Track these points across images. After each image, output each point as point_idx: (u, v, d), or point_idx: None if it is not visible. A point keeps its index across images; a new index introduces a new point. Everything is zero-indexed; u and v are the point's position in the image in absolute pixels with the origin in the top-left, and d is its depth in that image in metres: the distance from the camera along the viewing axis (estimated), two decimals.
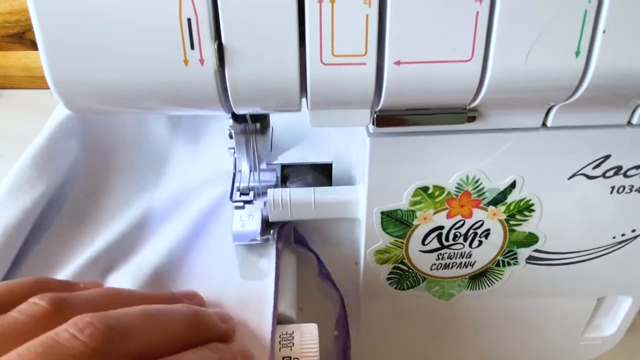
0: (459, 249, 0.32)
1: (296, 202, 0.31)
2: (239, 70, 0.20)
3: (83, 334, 0.18)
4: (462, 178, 0.28)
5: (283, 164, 0.36)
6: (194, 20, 0.19)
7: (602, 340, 0.41)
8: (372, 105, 0.23)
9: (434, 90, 0.22)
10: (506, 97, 0.22)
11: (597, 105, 0.25)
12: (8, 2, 0.68)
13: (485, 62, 0.21)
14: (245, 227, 0.31)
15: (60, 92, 0.21)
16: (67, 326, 0.18)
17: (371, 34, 0.20)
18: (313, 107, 0.23)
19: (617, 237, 0.32)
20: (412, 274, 0.33)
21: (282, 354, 0.26)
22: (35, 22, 0.20)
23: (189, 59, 0.20)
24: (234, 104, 0.22)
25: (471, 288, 0.35)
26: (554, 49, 0.21)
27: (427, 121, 0.24)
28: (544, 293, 0.35)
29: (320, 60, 0.20)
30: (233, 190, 0.34)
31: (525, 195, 0.29)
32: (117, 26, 0.20)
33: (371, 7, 0.19)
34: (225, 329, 0.26)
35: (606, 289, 0.36)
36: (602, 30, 0.20)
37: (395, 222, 0.30)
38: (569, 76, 0.21)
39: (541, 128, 0.26)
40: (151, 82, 0.21)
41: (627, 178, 0.29)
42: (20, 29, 0.70)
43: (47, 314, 0.19)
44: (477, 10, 0.20)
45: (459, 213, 0.30)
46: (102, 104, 0.23)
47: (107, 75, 0.21)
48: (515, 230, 0.31)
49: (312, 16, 0.19)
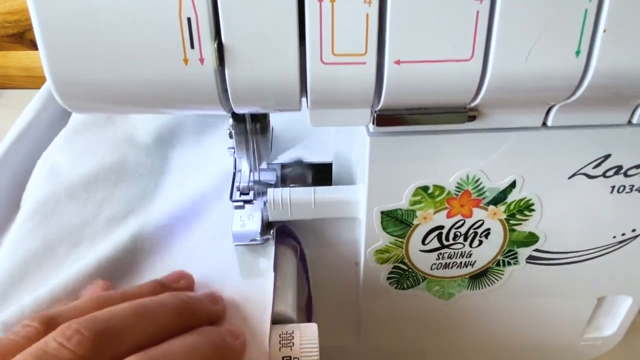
0: (459, 248, 0.32)
1: (296, 202, 0.31)
2: (239, 70, 0.20)
3: (71, 342, 0.19)
4: (462, 177, 0.28)
5: (283, 164, 0.36)
6: (194, 19, 0.19)
7: (602, 340, 0.41)
8: (372, 105, 0.23)
9: (434, 89, 0.22)
10: (506, 96, 0.22)
11: (598, 105, 0.25)
12: (8, 2, 0.68)
13: (486, 62, 0.21)
14: (245, 227, 0.31)
15: (60, 92, 0.21)
16: (54, 335, 0.19)
17: (371, 33, 0.20)
18: (313, 106, 0.23)
19: (617, 237, 0.32)
20: (412, 274, 0.33)
21: (282, 354, 0.26)
22: (35, 21, 0.20)
23: (188, 58, 0.20)
24: (234, 104, 0.22)
25: (471, 288, 0.35)
26: (554, 48, 0.21)
27: (427, 120, 0.24)
28: (544, 293, 0.35)
29: (320, 59, 0.20)
30: (233, 190, 0.34)
31: (526, 194, 0.29)
32: (117, 26, 0.20)
33: (371, 6, 0.19)
34: (215, 310, 0.27)
35: (606, 289, 0.36)
36: (603, 30, 0.20)
37: (395, 222, 0.30)
38: (569, 76, 0.21)
39: (541, 127, 0.26)
40: (151, 81, 0.21)
41: (628, 177, 0.29)
42: (20, 28, 0.70)
43: (39, 334, 0.20)
44: (477, 9, 0.20)
45: (459, 213, 0.30)
46: (102, 104, 0.23)
47: (107, 74, 0.21)
48: (516, 229, 0.31)
49: (312, 15, 0.19)
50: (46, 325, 0.21)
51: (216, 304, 0.27)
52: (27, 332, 0.20)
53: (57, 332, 0.19)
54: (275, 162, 0.36)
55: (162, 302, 0.24)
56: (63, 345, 0.19)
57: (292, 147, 0.37)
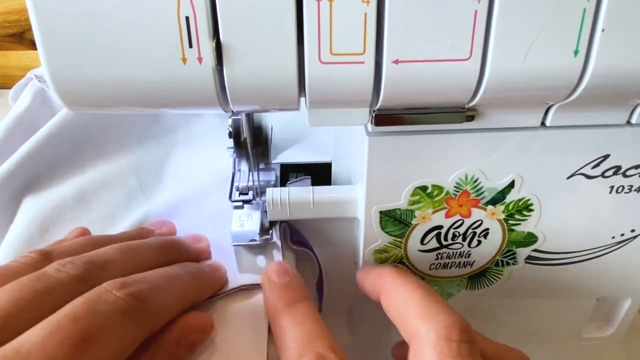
0: (458, 248, 0.32)
1: (295, 202, 0.31)
2: (237, 69, 0.20)
3: (65, 267, 0.23)
4: (461, 177, 0.28)
5: (282, 164, 0.36)
6: (192, 18, 0.19)
7: (601, 340, 0.41)
8: (370, 104, 0.23)
9: (432, 89, 0.22)
10: (505, 96, 0.22)
11: (596, 105, 0.25)
12: (8, 2, 0.68)
13: (484, 61, 0.21)
14: (244, 228, 0.31)
15: (60, 91, 0.21)
16: (52, 264, 0.23)
17: (369, 32, 0.20)
18: (311, 106, 0.23)
19: (616, 237, 0.32)
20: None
21: None
22: (34, 21, 0.20)
23: (187, 57, 0.20)
24: (233, 103, 0.22)
25: (470, 288, 0.35)
26: (553, 47, 0.21)
27: (426, 120, 0.24)
28: (543, 293, 0.35)
29: (318, 58, 0.20)
30: (232, 190, 0.34)
31: (524, 194, 0.29)
32: (116, 25, 0.20)
33: (369, 5, 0.19)
34: (198, 248, 0.29)
35: (606, 289, 0.36)
36: (601, 29, 0.20)
37: (394, 222, 0.30)
38: (568, 75, 0.21)
39: (540, 127, 0.26)
40: (150, 80, 0.21)
41: (626, 178, 0.29)
42: (20, 28, 0.70)
43: (37, 262, 0.24)
44: (475, 9, 0.20)
45: (458, 212, 0.30)
46: (102, 103, 0.23)
47: (106, 73, 0.21)
48: (514, 229, 0.31)
49: (310, 15, 0.19)
50: (43, 257, 0.24)
51: (199, 242, 0.30)
52: (27, 260, 0.24)
53: (54, 264, 0.23)
54: (274, 161, 0.36)
55: (147, 242, 0.27)
56: (59, 270, 0.22)
57: (292, 147, 0.37)
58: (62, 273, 0.22)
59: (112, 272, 0.23)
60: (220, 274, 0.28)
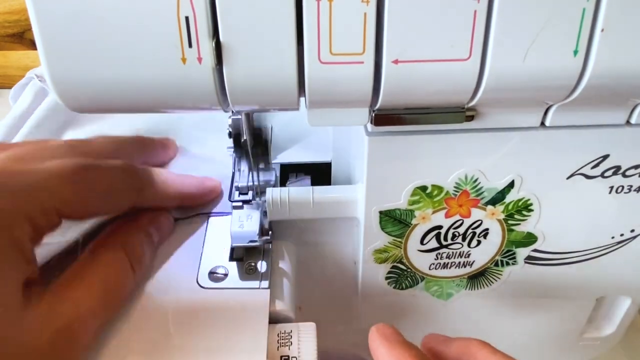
0: (458, 248, 0.32)
1: (295, 202, 0.31)
2: (237, 69, 0.20)
3: (59, 143, 0.28)
4: (461, 177, 0.28)
5: (282, 164, 0.36)
6: (192, 18, 0.19)
7: (601, 340, 0.41)
8: (370, 104, 0.23)
9: (432, 89, 0.22)
10: (504, 96, 0.23)
11: (596, 105, 0.25)
12: (8, 2, 0.68)
13: (483, 61, 0.21)
14: (244, 228, 0.31)
15: (60, 91, 0.21)
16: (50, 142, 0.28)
17: (369, 32, 0.20)
18: (311, 105, 0.23)
19: (615, 237, 0.32)
20: (411, 274, 0.33)
21: (280, 353, 0.26)
22: (34, 21, 0.20)
23: (187, 57, 0.20)
24: (232, 102, 0.22)
25: (470, 288, 0.35)
26: (552, 47, 0.21)
27: (426, 120, 0.24)
28: (543, 293, 0.35)
29: (318, 58, 0.20)
30: (232, 190, 0.34)
31: (524, 194, 0.29)
32: (116, 25, 0.20)
33: (369, 5, 0.19)
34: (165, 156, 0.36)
35: (605, 289, 0.36)
36: (601, 29, 0.20)
37: (393, 222, 0.30)
38: (567, 75, 0.21)
39: (540, 127, 0.26)
40: (149, 80, 0.21)
41: (626, 178, 0.29)
42: (20, 28, 0.70)
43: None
44: (475, 8, 0.20)
45: (458, 212, 0.30)
46: (101, 103, 0.23)
47: (106, 73, 0.21)
48: (514, 229, 0.31)
49: (310, 14, 0.19)
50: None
51: (166, 148, 0.36)
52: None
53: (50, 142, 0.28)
54: (274, 161, 0.36)
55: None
56: (55, 141, 0.28)
57: (291, 147, 0.37)
58: (57, 143, 0.28)
59: (95, 148, 0.30)
60: (171, 151, 0.35)
